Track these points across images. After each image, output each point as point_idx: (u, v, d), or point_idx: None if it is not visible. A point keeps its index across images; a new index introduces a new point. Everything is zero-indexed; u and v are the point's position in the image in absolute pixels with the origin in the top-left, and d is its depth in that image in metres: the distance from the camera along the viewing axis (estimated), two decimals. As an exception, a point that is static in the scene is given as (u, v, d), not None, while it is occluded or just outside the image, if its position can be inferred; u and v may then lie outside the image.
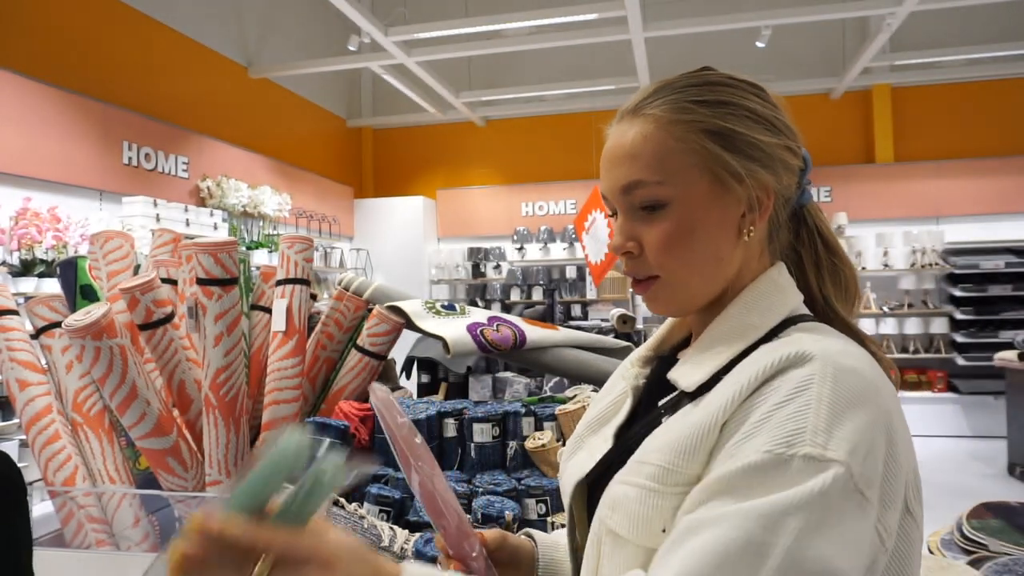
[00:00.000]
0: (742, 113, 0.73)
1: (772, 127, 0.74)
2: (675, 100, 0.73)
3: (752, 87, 0.76)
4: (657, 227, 0.73)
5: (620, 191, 0.75)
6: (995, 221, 7.76)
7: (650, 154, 0.72)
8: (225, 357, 1.54)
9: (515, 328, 1.75)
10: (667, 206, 0.72)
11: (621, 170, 0.75)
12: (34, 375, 1.61)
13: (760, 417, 0.61)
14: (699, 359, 0.73)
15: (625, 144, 0.74)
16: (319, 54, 8.03)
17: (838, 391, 0.60)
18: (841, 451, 0.57)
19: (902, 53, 7.70)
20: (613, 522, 0.68)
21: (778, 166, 0.74)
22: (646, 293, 0.77)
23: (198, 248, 1.53)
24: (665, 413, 0.72)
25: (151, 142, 5.41)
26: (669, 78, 0.77)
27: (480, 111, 9.05)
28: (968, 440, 7.18)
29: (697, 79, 0.76)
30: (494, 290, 8.58)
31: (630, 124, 0.75)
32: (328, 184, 8.31)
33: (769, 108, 0.75)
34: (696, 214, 0.72)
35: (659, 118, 0.73)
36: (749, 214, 0.74)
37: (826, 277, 0.80)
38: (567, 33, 6.71)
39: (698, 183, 0.72)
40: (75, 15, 5.13)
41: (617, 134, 0.76)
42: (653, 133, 0.73)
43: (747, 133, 0.72)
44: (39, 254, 3.91)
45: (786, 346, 0.66)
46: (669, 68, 3.56)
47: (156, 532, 1.64)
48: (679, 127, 0.72)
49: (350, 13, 5.90)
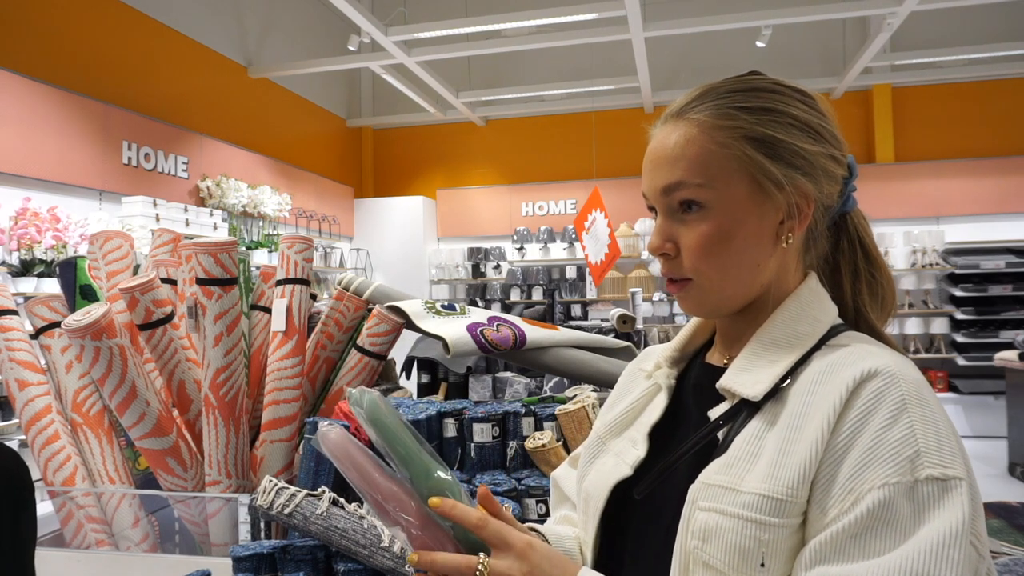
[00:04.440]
0: (786, 120, 0.73)
1: (816, 135, 0.74)
2: (719, 105, 0.74)
3: (799, 94, 0.76)
4: (695, 229, 0.73)
5: (661, 192, 0.76)
6: (995, 221, 7.76)
7: (692, 157, 0.73)
8: (225, 357, 1.54)
9: (515, 328, 1.75)
10: (706, 209, 0.73)
11: (663, 171, 0.75)
12: (34, 375, 1.61)
13: (867, 446, 0.61)
14: (753, 367, 0.72)
15: (668, 146, 0.75)
16: (319, 54, 8.02)
17: (928, 406, 0.63)
18: (959, 466, 0.60)
19: (902, 53, 7.69)
20: (707, 554, 0.65)
21: (820, 174, 0.74)
22: (679, 293, 0.77)
23: (198, 248, 1.53)
24: (723, 424, 0.71)
25: (151, 142, 5.41)
26: (715, 82, 0.77)
27: (480, 111, 9.05)
28: (968, 440, 7.17)
29: (742, 84, 0.76)
30: (494, 290, 8.58)
31: (674, 127, 0.75)
32: (328, 184, 8.31)
33: (815, 116, 0.75)
34: (734, 219, 0.72)
35: (703, 123, 0.73)
36: (788, 221, 0.74)
37: (863, 289, 0.80)
38: (567, 33, 6.71)
39: (738, 188, 0.72)
40: (75, 15, 5.13)
41: (661, 136, 0.77)
42: (696, 137, 0.73)
43: (790, 141, 0.72)
44: (39, 254, 3.91)
45: (852, 359, 0.67)
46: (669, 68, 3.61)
47: (156, 532, 1.64)
48: (722, 132, 0.72)
49: (350, 13, 5.90)
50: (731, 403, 0.72)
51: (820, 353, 0.70)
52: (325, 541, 1.21)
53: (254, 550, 1.21)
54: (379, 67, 7.51)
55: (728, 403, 0.72)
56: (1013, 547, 1.47)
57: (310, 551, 1.23)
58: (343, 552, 1.20)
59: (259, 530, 1.40)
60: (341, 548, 1.20)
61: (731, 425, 0.70)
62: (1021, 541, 1.49)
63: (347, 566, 1.21)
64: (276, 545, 1.24)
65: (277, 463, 1.62)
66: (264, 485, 1.28)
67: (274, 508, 1.24)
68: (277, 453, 1.62)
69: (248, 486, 1.59)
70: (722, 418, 0.71)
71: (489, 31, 6.84)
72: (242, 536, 1.50)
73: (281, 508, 1.23)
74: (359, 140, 9.81)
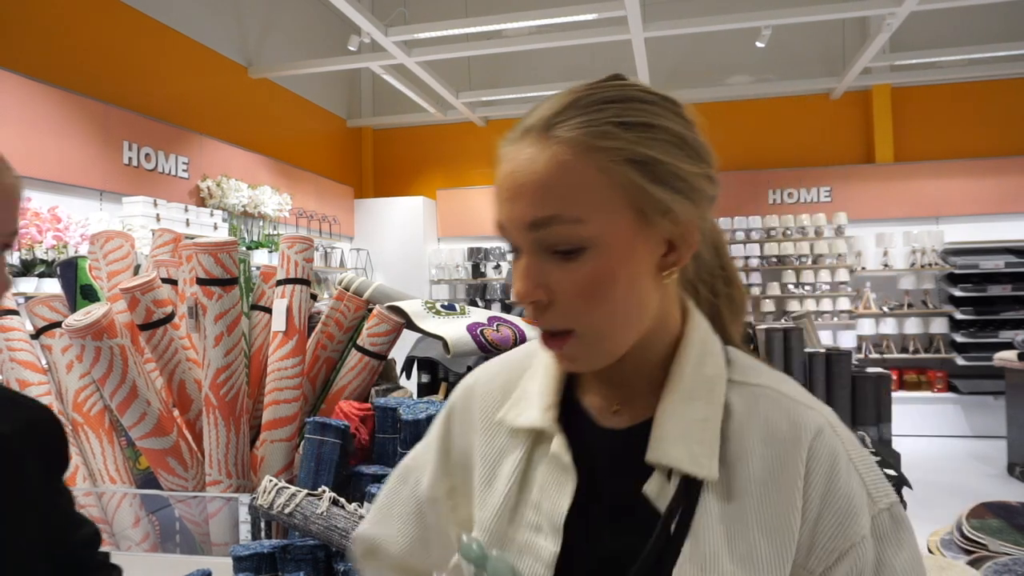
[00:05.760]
0: (665, 137, 0.63)
1: (694, 153, 0.65)
2: (595, 121, 0.61)
3: (670, 103, 0.66)
4: (574, 272, 0.62)
5: (528, 227, 0.62)
6: (995, 221, 7.76)
7: (568, 186, 0.60)
8: (225, 357, 1.54)
9: (515, 328, 1.75)
10: (586, 247, 0.61)
11: (529, 202, 0.62)
12: (34, 375, 1.61)
13: (838, 506, 0.63)
14: (684, 433, 0.64)
15: (534, 171, 0.61)
16: (319, 54, 8.02)
17: (856, 444, 0.66)
18: (890, 488, 0.66)
19: (902, 53, 7.70)
20: None
21: (700, 196, 0.65)
22: (560, 351, 0.65)
23: (198, 248, 1.53)
24: (675, 507, 0.63)
25: (151, 142, 5.41)
26: (580, 89, 0.65)
27: (480, 111, 9.05)
28: (968, 440, 7.18)
29: (615, 93, 0.64)
30: (494, 290, 8.58)
31: (540, 146, 0.62)
32: (328, 184, 8.31)
33: (689, 129, 0.66)
34: (619, 256, 0.62)
35: (577, 142, 0.61)
36: (672, 253, 0.65)
37: (723, 303, 0.76)
38: (567, 33, 6.71)
39: (621, 220, 0.61)
40: (75, 15, 5.13)
41: (522, 158, 0.63)
42: (570, 161, 0.61)
43: (671, 161, 0.62)
44: (39, 254, 3.91)
45: (784, 410, 0.66)
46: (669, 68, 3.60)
47: (156, 532, 1.64)
48: (602, 155, 0.61)
49: (350, 13, 5.90)
50: (664, 476, 0.64)
51: (735, 395, 0.66)
52: (325, 541, 1.21)
53: (254, 550, 1.22)
54: (379, 67, 7.51)
55: (660, 476, 0.64)
56: (1013, 547, 1.47)
57: (310, 551, 1.23)
58: (343, 552, 1.20)
59: (259, 530, 1.41)
60: (341, 548, 1.20)
61: (682, 507, 0.63)
62: (1021, 541, 1.49)
63: (347, 566, 1.21)
64: (276, 545, 1.24)
65: (277, 463, 1.62)
66: (264, 485, 1.28)
67: (274, 508, 1.24)
68: (277, 453, 1.62)
69: (248, 486, 1.59)
70: (673, 502, 0.63)
71: (489, 31, 6.84)
72: (242, 536, 1.50)
73: (281, 508, 1.24)
74: (359, 140, 9.81)
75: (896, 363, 7.58)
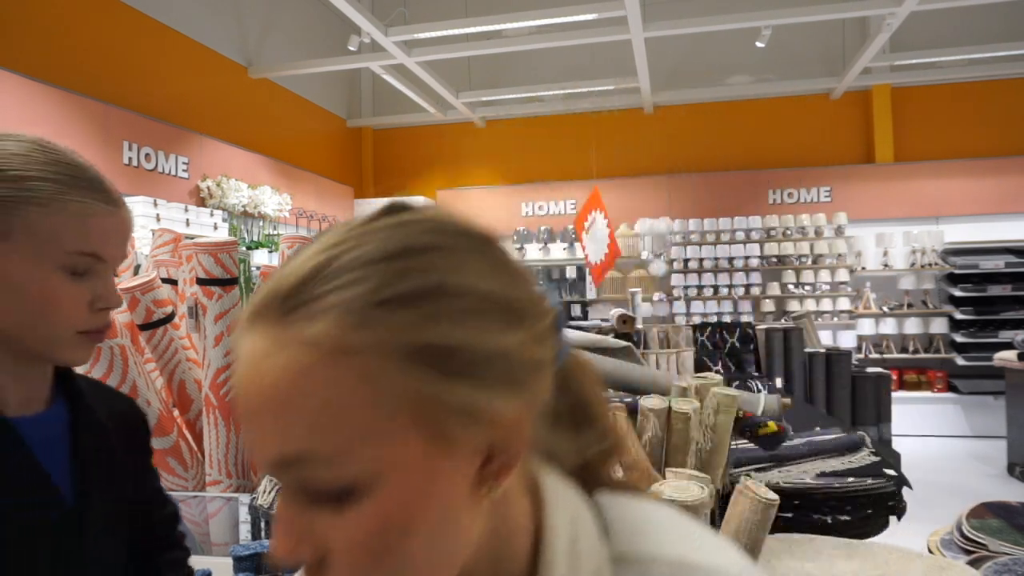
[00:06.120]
0: (463, 305, 0.42)
1: (511, 313, 0.44)
2: (350, 301, 0.41)
3: (475, 241, 0.46)
4: (348, 523, 0.42)
5: (272, 467, 0.43)
6: (995, 221, 7.76)
7: (317, 409, 0.40)
8: (225, 357, 1.55)
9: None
10: (362, 490, 0.41)
11: (271, 429, 0.42)
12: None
13: None
14: None
15: (272, 384, 0.41)
16: (319, 54, 8.03)
17: None
18: None
19: (902, 53, 7.70)
20: None
21: (527, 373, 0.45)
22: None
23: (198, 248, 1.54)
24: None
25: (151, 142, 5.41)
26: (341, 239, 0.44)
27: (480, 111, 9.05)
28: (968, 440, 7.18)
29: (383, 245, 0.43)
30: (494, 290, 8.58)
31: (276, 342, 0.41)
32: (328, 184, 8.32)
33: (499, 275, 0.45)
34: (412, 493, 0.42)
35: (326, 337, 0.40)
36: (495, 460, 0.45)
37: (592, 450, 0.56)
38: (567, 33, 6.71)
39: (405, 447, 0.41)
40: (75, 15, 5.13)
41: (255, 357, 0.42)
42: (317, 370, 0.40)
43: (473, 341, 0.42)
44: (39, 254, 3.91)
45: None
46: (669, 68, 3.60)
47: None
48: (365, 357, 0.40)
49: (350, 13, 5.90)
50: None
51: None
52: (326, 541, 1.21)
53: (254, 549, 1.22)
54: (379, 67, 7.52)
55: None
56: (1013, 547, 1.48)
57: (311, 551, 1.23)
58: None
59: (259, 529, 1.41)
60: (342, 548, 1.20)
61: None
62: (1021, 541, 1.49)
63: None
64: (277, 545, 1.24)
65: (277, 463, 1.62)
66: (264, 485, 1.28)
67: (274, 507, 1.24)
68: (277, 453, 1.62)
69: (248, 486, 1.59)
70: None
71: (489, 31, 6.85)
72: (242, 536, 1.50)
73: (282, 508, 1.23)
74: (359, 140, 9.82)
75: (896, 363, 7.58)
